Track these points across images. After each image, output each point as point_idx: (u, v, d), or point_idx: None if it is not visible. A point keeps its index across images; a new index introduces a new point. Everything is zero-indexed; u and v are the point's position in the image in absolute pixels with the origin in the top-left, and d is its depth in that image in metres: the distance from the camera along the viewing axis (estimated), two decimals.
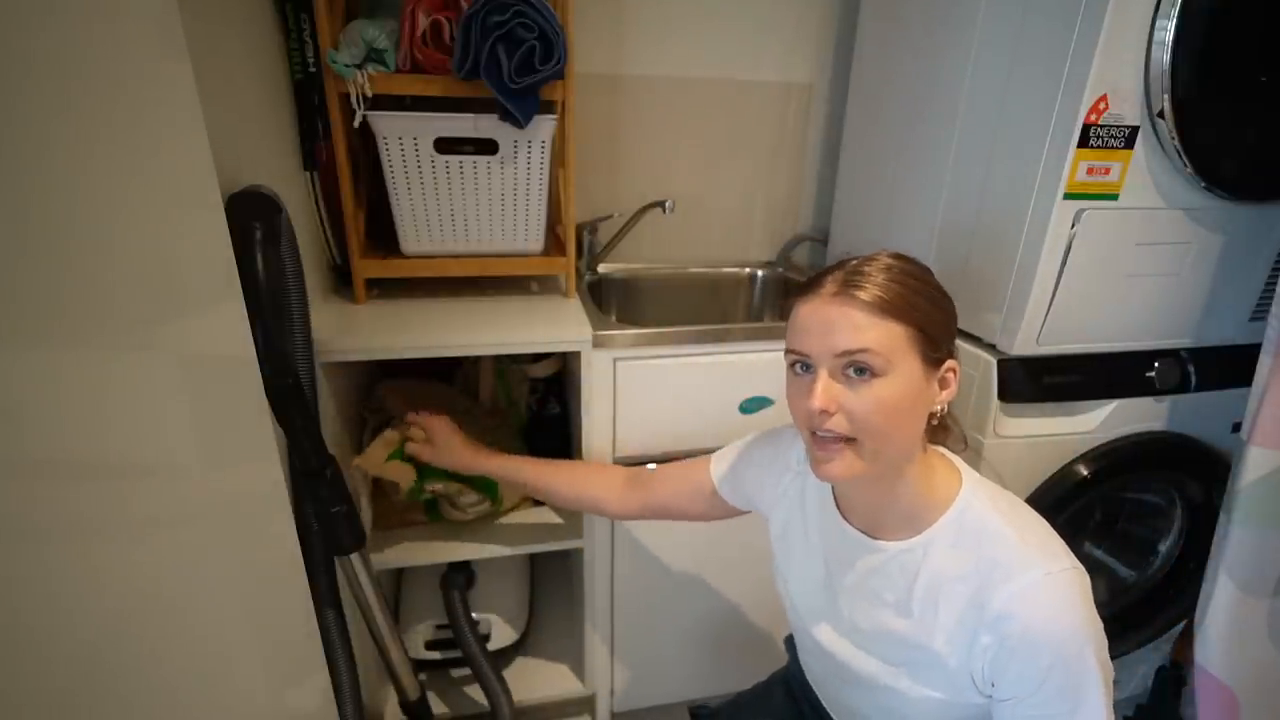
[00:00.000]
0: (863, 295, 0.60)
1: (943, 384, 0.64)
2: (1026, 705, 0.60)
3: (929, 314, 0.61)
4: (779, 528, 0.81)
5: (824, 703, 0.86)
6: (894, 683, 0.68)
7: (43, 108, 0.38)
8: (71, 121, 0.41)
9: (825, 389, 0.61)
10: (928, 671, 0.66)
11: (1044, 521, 0.65)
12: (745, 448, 0.86)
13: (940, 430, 0.69)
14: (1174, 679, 1.36)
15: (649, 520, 0.97)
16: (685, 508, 0.91)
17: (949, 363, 0.63)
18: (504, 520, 1.23)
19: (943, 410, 0.65)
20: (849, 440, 0.61)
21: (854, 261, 0.64)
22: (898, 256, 0.65)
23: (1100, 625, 0.60)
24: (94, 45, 0.43)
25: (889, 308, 0.59)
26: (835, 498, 0.74)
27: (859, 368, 0.60)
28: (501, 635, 1.34)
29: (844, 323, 0.60)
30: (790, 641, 0.94)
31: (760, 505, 0.84)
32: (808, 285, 0.65)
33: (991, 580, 0.61)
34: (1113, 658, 0.60)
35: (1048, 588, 0.59)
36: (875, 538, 0.69)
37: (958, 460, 0.69)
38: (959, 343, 0.69)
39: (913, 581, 0.66)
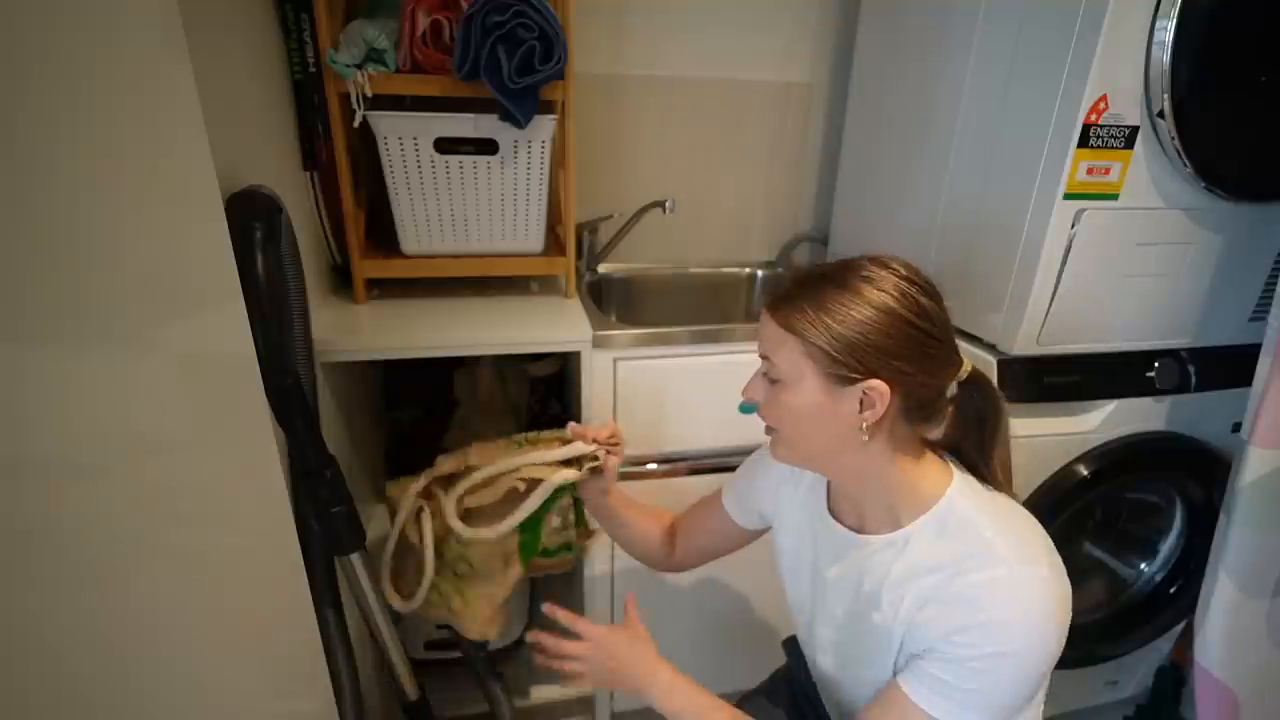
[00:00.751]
0: (773, 309, 0.65)
1: (865, 403, 0.62)
2: (936, 663, 0.61)
3: (835, 334, 0.61)
4: (782, 536, 0.83)
5: (825, 705, 0.86)
6: (880, 676, 0.69)
7: (43, 108, 0.38)
8: (71, 122, 0.41)
9: (750, 383, 0.70)
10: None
11: (1037, 528, 0.65)
12: (745, 470, 0.89)
13: (967, 457, 0.69)
14: (1174, 679, 1.37)
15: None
16: (724, 549, 0.94)
17: (870, 383, 0.61)
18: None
19: (865, 428, 0.63)
20: (776, 429, 0.69)
21: (809, 269, 0.67)
22: (851, 269, 0.63)
23: (1058, 645, 0.59)
24: (94, 46, 0.43)
25: (787, 324, 0.63)
26: (828, 500, 0.76)
27: (768, 370, 0.67)
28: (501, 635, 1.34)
29: (762, 332, 0.67)
30: (788, 644, 0.95)
31: (767, 517, 0.86)
32: (771, 289, 0.68)
33: (960, 569, 0.61)
34: (1113, 658, 0.61)
35: (1018, 582, 0.59)
36: (861, 533, 0.71)
37: (955, 465, 0.69)
38: (959, 343, 0.68)
39: (887, 573, 0.67)
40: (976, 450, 0.69)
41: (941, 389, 0.65)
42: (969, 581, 0.60)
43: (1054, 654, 0.60)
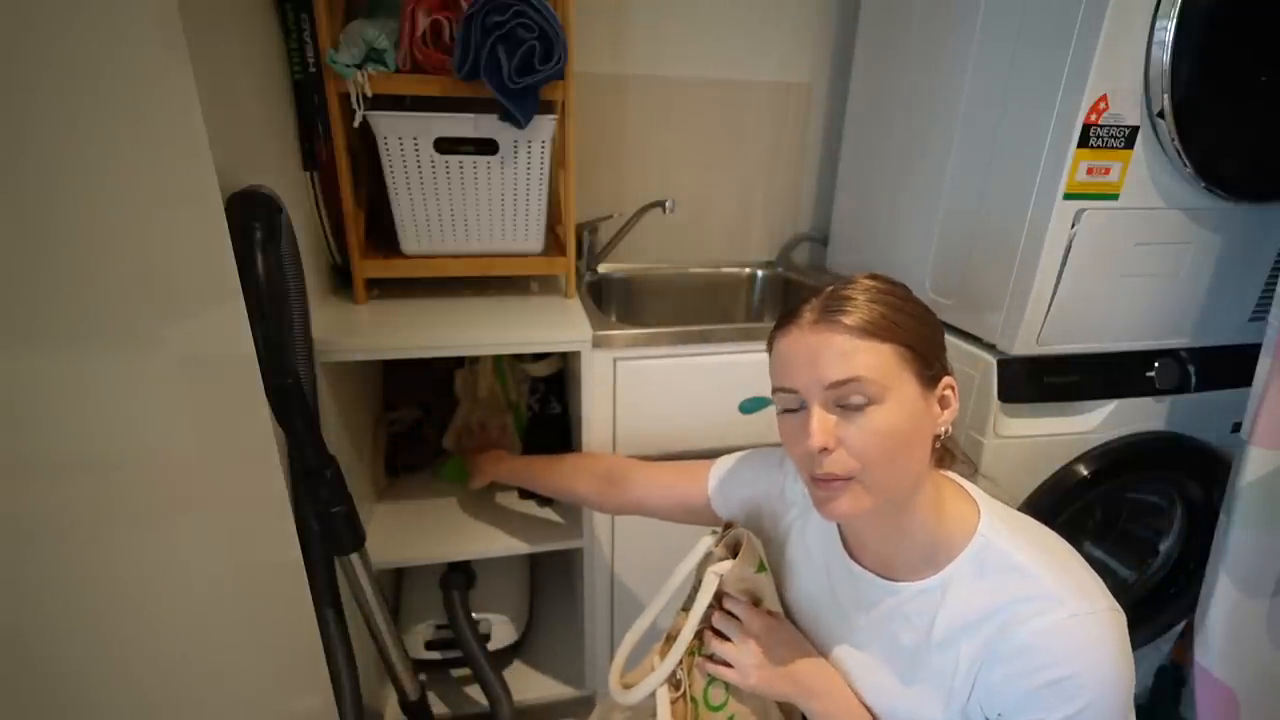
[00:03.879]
0: (846, 320, 0.57)
1: (943, 403, 0.60)
2: None
3: (917, 331, 0.58)
4: (795, 577, 0.75)
5: None
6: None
7: (43, 108, 0.38)
8: (71, 122, 0.41)
9: (821, 425, 0.57)
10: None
11: (1075, 554, 0.61)
12: (739, 468, 0.82)
13: (945, 455, 0.66)
14: (1174, 679, 1.37)
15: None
16: (668, 514, 0.88)
17: (945, 379, 0.60)
18: (504, 520, 1.23)
19: (947, 431, 0.61)
20: (848, 478, 0.58)
21: (831, 287, 0.61)
22: (874, 276, 0.62)
23: (1132, 678, 0.56)
24: (94, 45, 0.43)
25: (874, 329, 0.56)
26: (842, 536, 0.70)
27: (853, 397, 0.56)
28: (501, 635, 1.34)
29: (829, 351, 0.57)
30: None
31: (748, 519, 0.80)
32: (785, 317, 0.62)
33: (1017, 616, 0.56)
34: None
35: (1084, 626, 0.55)
36: (890, 578, 0.65)
37: (970, 486, 0.65)
38: (959, 343, 0.68)
39: (930, 624, 0.62)
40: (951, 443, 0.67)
41: None
42: (1032, 630, 0.55)
43: (1132, 688, 0.56)
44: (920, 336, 0.58)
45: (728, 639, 0.71)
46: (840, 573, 0.69)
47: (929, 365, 0.59)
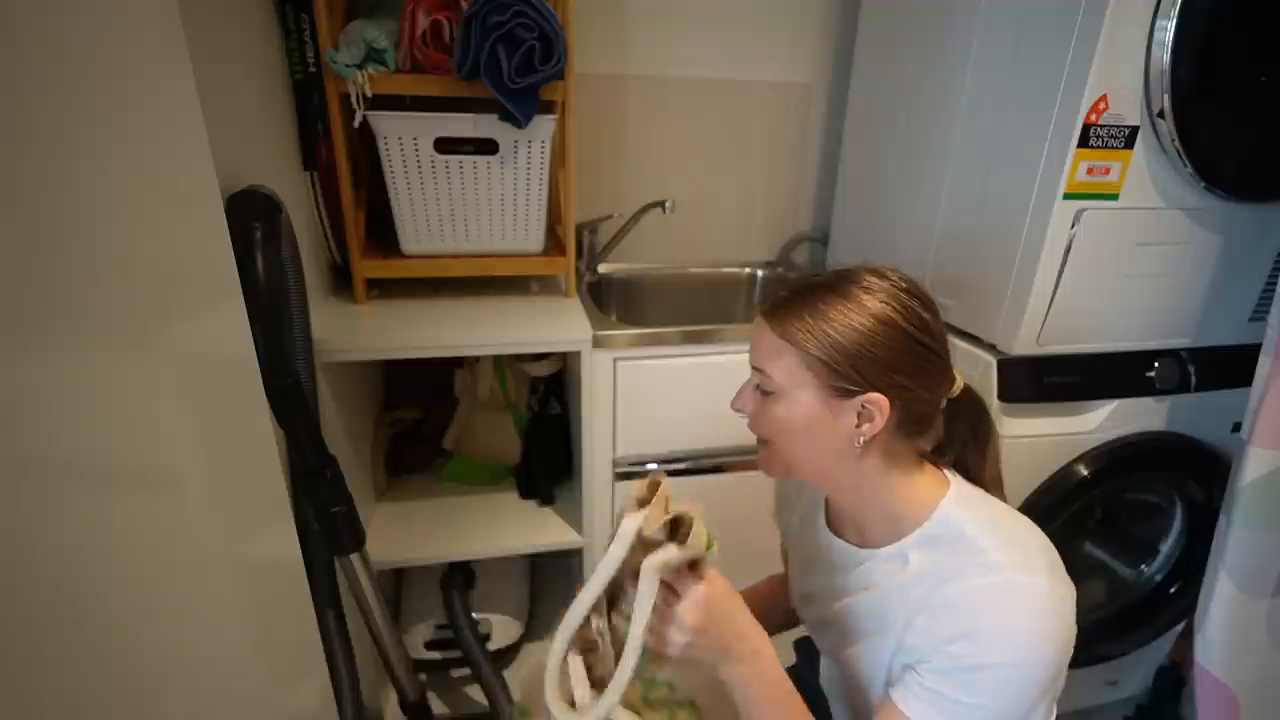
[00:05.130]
0: (770, 319, 0.63)
1: (863, 416, 0.61)
2: (930, 674, 0.58)
3: (837, 347, 0.59)
4: (790, 546, 0.83)
5: (832, 709, 0.85)
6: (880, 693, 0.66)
7: (43, 108, 0.38)
8: (71, 122, 0.41)
9: (740, 393, 0.68)
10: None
11: (1039, 536, 0.63)
12: (778, 492, 0.90)
13: (961, 471, 0.69)
14: (1174, 679, 1.37)
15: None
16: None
17: (868, 396, 0.60)
18: (504, 520, 1.23)
19: (860, 442, 0.61)
20: (767, 442, 0.67)
21: (805, 277, 0.65)
22: (851, 280, 0.62)
23: (1059, 656, 0.56)
24: (94, 45, 0.43)
25: (786, 335, 0.61)
26: (827, 515, 0.75)
27: (762, 382, 0.64)
28: (501, 635, 1.34)
29: (756, 341, 0.65)
30: (800, 644, 0.94)
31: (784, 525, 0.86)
32: (765, 295, 0.67)
33: (954, 576, 0.60)
34: (1112, 658, 0.59)
35: (1015, 591, 0.57)
36: (862, 546, 0.70)
37: (954, 476, 0.67)
38: (959, 343, 0.68)
39: (893, 587, 0.65)
40: (969, 464, 0.69)
41: (937, 403, 0.64)
42: (959, 589, 0.59)
43: (1055, 666, 0.57)
44: (838, 350, 0.59)
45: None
46: (824, 542, 0.75)
47: (839, 378, 0.60)
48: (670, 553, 0.56)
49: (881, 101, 1.33)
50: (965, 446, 0.68)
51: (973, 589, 0.58)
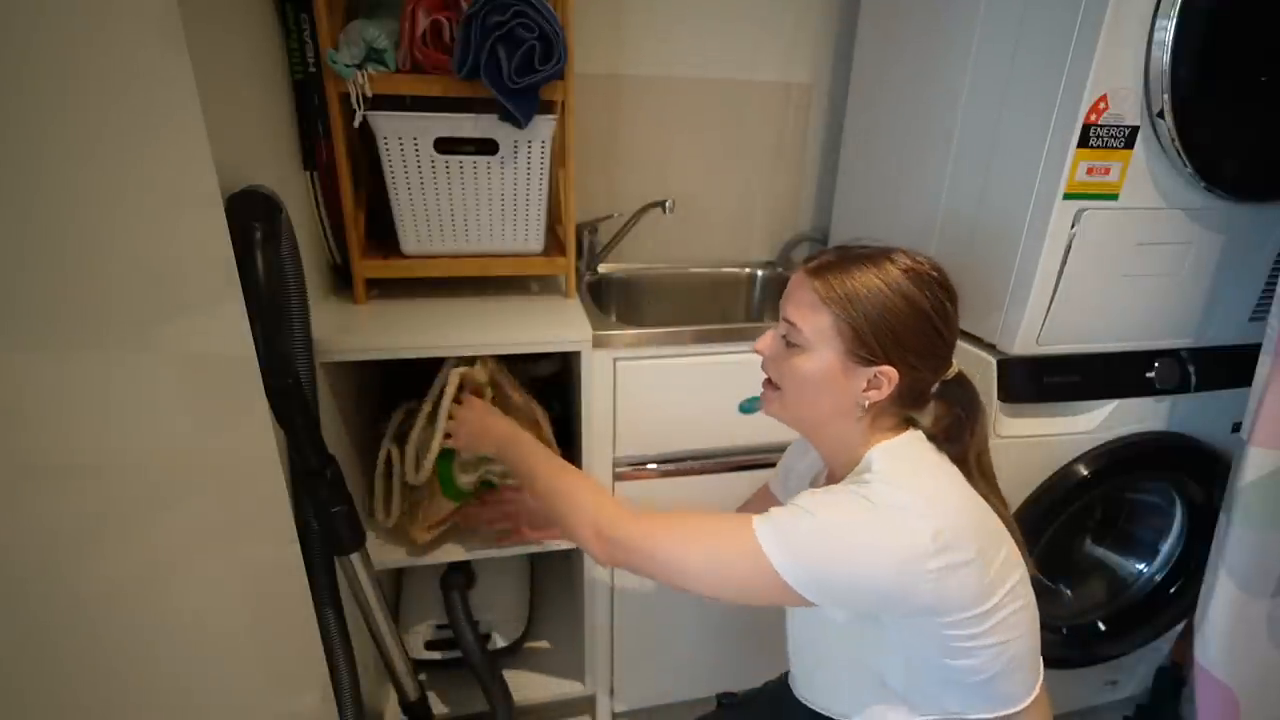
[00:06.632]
0: (816, 281, 0.68)
1: (872, 384, 0.68)
2: (785, 509, 0.67)
3: (869, 318, 0.66)
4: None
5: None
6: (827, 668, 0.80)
7: (42, 108, 0.38)
8: (71, 121, 0.41)
9: (767, 339, 0.75)
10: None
11: (947, 494, 0.67)
12: (787, 455, 0.96)
13: (909, 423, 0.74)
14: (1174, 679, 1.37)
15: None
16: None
17: (883, 369, 0.67)
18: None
19: (865, 405, 0.69)
20: (778, 387, 0.74)
21: (851, 247, 0.71)
22: (892, 259, 0.68)
23: (896, 572, 0.61)
24: (94, 45, 0.43)
25: (828, 299, 0.67)
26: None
27: (789, 334, 0.71)
28: (501, 635, 1.34)
29: (795, 295, 0.70)
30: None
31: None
32: (812, 254, 0.72)
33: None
34: (1112, 658, 0.60)
35: (865, 498, 0.64)
36: (832, 479, 0.78)
37: (908, 437, 0.72)
38: (958, 342, 0.70)
39: None
40: (957, 440, 0.73)
41: (934, 383, 0.72)
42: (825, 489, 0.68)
43: (893, 578, 0.61)
44: (869, 322, 0.66)
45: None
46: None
47: (863, 347, 0.66)
48: (456, 379, 1.01)
49: (881, 101, 1.33)
50: (957, 421, 0.73)
51: (836, 488, 0.67)
